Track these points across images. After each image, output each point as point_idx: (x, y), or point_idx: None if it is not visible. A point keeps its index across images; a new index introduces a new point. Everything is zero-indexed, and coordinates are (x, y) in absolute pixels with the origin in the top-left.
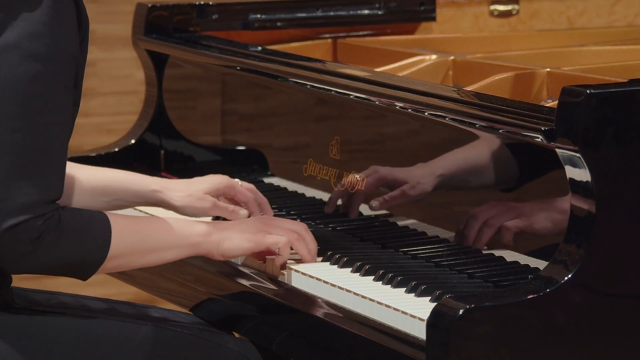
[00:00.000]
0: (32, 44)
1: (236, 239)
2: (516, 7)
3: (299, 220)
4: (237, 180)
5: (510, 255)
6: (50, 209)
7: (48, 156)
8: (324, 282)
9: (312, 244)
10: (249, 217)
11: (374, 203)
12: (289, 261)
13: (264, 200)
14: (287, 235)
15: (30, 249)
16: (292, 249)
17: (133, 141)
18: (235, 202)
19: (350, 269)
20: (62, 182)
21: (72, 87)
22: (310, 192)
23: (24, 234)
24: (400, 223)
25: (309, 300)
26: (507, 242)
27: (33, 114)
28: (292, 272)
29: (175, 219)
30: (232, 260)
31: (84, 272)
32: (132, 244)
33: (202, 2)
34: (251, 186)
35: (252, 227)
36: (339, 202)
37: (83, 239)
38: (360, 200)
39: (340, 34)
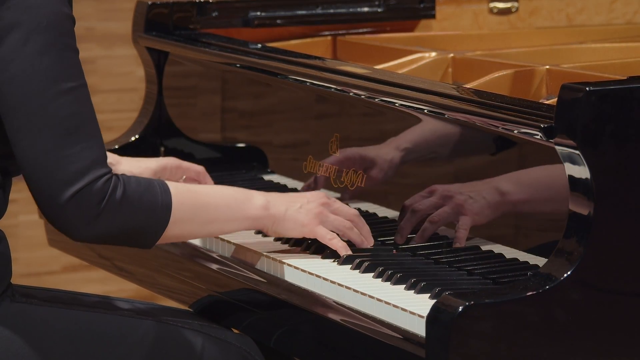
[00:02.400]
0: (32, 16)
1: (291, 221)
2: (515, 4)
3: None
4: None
5: (509, 252)
6: (106, 170)
7: (84, 119)
8: (324, 279)
9: (365, 229)
10: None
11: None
12: (288, 258)
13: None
14: (339, 225)
15: (96, 213)
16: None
17: (133, 138)
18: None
19: (350, 266)
20: (103, 141)
21: (77, 47)
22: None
23: (87, 199)
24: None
25: (309, 297)
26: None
27: (57, 82)
28: (292, 268)
29: (234, 189)
30: (231, 256)
31: (147, 237)
32: (192, 210)
33: (202, 0)
34: (200, 169)
35: (309, 212)
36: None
37: (146, 202)
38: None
39: (340, 32)
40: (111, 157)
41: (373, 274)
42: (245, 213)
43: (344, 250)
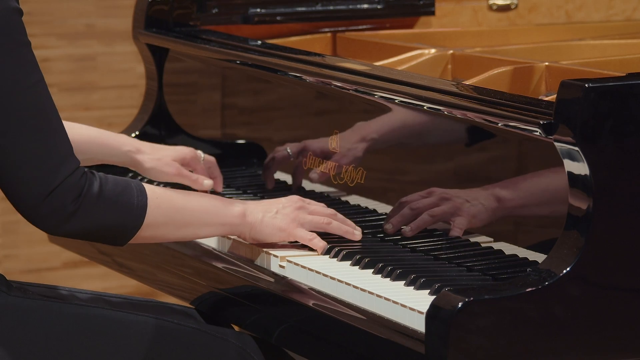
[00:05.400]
0: None
1: (269, 227)
2: (515, 1)
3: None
4: (200, 152)
5: (508, 248)
6: (77, 162)
7: (48, 114)
8: (323, 275)
9: (348, 222)
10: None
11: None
12: (288, 255)
13: (218, 175)
14: (317, 222)
15: (74, 209)
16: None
17: (133, 135)
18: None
19: (350, 262)
20: (67, 133)
21: (28, 39)
22: (309, 185)
23: (64, 195)
24: None
25: (309, 293)
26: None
27: (17, 82)
28: (292, 265)
29: (211, 196)
30: (230, 252)
31: (121, 236)
32: (168, 214)
33: None
34: (212, 160)
35: (285, 216)
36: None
37: (122, 201)
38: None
39: (340, 28)
40: (132, 144)
41: (373, 270)
42: (222, 219)
43: (324, 249)
